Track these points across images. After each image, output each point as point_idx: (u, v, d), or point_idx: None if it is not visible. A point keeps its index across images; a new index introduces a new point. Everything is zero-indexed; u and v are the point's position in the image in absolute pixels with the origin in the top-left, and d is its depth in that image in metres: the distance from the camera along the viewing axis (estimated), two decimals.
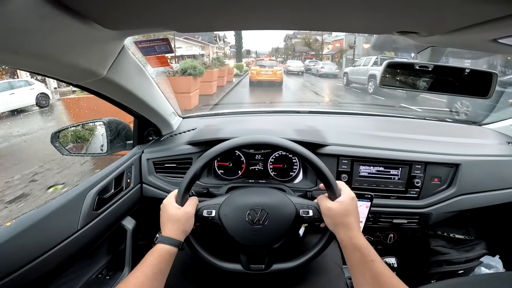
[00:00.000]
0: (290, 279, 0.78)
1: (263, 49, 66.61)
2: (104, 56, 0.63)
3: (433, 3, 0.40)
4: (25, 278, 0.63)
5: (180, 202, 0.64)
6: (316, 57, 36.47)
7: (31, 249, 0.65)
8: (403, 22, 0.51)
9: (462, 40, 0.56)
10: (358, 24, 0.56)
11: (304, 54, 39.77)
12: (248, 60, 32.23)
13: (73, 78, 0.64)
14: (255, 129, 1.18)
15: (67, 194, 0.79)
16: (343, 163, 1.01)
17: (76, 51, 0.54)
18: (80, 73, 0.60)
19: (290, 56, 44.38)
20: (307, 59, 34.58)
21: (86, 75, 0.63)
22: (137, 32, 0.63)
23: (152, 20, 0.52)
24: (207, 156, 0.66)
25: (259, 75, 12.51)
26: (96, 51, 0.59)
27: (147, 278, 0.54)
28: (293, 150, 0.66)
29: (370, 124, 1.34)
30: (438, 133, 1.18)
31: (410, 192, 1.01)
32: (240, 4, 0.45)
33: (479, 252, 1.23)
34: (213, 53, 37.92)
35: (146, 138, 1.13)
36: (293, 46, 42.86)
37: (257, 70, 12.61)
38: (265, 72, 12.50)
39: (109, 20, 0.50)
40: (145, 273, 0.54)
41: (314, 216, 0.66)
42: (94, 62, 0.60)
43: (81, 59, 0.56)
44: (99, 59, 0.62)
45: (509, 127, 1.25)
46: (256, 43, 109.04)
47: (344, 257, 0.61)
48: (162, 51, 0.72)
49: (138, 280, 0.53)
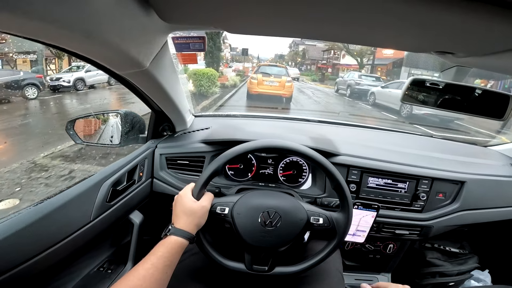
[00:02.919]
0: (291, 283, 0.79)
1: (265, 55, 61.18)
2: (151, 48, 0.64)
3: (476, 26, 0.41)
4: (31, 270, 0.61)
5: (197, 196, 0.65)
6: (332, 67, 29.29)
7: (42, 240, 0.64)
8: (443, 42, 0.53)
9: (495, 63, 0.58)
10: (400, 41, 0.58)
11: (318, 62, 33.38)
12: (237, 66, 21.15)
13: (119, 67, 0.64)
14: (270, 134, 1.20)
15: (83, 184, 0.78)
16: (353, 173, 1.03)
17: (131, 39, 0.54)
18: (128, 62, 0.61)
19: (298, 64, 40.42)
20: (322, 68, 30.81)
21: (132, 65, 0.63)
22: (186, 27, 0.63)
23: (204, 17, 0.54)
24: (229, 154, 0.68)
25: (261, 86, 8.65)
26: (146, 42, 0.60)
27: (157, 270, 0.53)
28: (314, 159, 0.68)
29: (380, 137, 1.37)
30: (445, 150, 1.22)
31: (414, 205, 1.04)
32: (293, 12, 0.46)
33: (471, 266, 1.28)
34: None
35: (160, 133, 1.12)
36: (304, 52, 38.65)
37: (259, 80, 8.70)
38: (270, 83, 8.64)
39: (168, 11, 0.51)
40: (155, 265, 0.54)
41: (323, 224, 0.68)
42: (142, 53, 0.61)
43: (133, 48, 0.57)
44: (147, 50, 0.63)
45: None
46: (259, 48, 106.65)
47: (345, 264, 0.63)
48: (195, 48, 0.73)
49: (148, 272, 0.52)
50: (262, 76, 8.82)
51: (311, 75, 28.81)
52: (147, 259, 0.55)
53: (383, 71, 20.50)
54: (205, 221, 0.65)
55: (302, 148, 0.68)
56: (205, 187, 0.67)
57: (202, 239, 0.68)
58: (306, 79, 25.66)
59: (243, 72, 16.67)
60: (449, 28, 0.44)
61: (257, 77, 8.80)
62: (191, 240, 0.61)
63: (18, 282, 0.58)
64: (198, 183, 0.66)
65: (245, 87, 10.40)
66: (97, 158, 3.55)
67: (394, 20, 0.44)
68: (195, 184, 0.67)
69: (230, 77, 12.52)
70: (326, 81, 23.14)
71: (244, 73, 16.33)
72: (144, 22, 0.53)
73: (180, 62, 0.81)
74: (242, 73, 16.23)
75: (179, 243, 0.59)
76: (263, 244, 0.66)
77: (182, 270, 0.79)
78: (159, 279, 0.53)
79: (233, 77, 12.80)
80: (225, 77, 12.12)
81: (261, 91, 8.61)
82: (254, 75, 9.15)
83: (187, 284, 0.76)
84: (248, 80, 9.88)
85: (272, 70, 9.54)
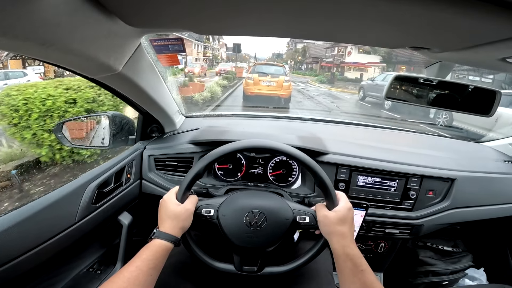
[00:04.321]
0: (281, 283, 0.79)
1: (263, 55, 59.86)
2: (122, 52, 0.64)
3: (447, 21, 0.41)
4: (20, 268, 0.62)
5: (181, 199, 0.65)
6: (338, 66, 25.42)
7: (26, 241, 0.64)
8: (416, 37, 0.52)
9: (472, 57, 0.58)
10: (372, 37, 0.57)
11: (323, 60, 30.39)
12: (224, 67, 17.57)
13: (90, 72, 0.65)
14: (258, 133, 1.20)
15: (68, 186, 0.78)
16: (342, 172, 1.03)
17: (98, 45, 0.54)
18: (99, 67, 0.61)
19: (298, 63, 38.34)
20: (325, 67, 27.81)
21: (103, 70, 0.63)
22: (155, 30, 0.63)
23: (172, 20, 0.53)
24: (212, 156, 0.67)
25: (258, 86, 8.26)
26: (115, 46, 0.60)
27: (142, 272, 0.54)
28: (297, 157, 0.68)
29: (370, 135, 1.36)
30: (436, 147, 1.21)
31: (404, 203, 1.04)
32: (260, 12, 0.46)
33: (465, 264, 1.27)
34: (197, 53, 29.71)
35: (149, 135, 1.12)
36: (304, 49, 35.87)
37: (255, 80, 8.32)
38: (267, 83, 8.32)
39: (132, 17, 0.51)
40: (140, 268, 0.54)
41: (310, 223, 0.68)
42: (112, 57, 0.61)
43: (102, 53, 0.57)
44: (118, 55, 0.63)
45: (507, 146, 1.27)
46: (255, 47, 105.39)
47: (335, 265, 0.63)
48: (175, 50, 0.73)
49: (132, 274, 0.53)
50: (258, 76, 8.40)
51: (315, 75, 25.32)
52: (132, 262, 0.55)
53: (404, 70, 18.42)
54: (189, 224, 0.65)
55: (283, 146, 0.68)
56: (189, 190, 0.67)
57: (190, 241, 0.68)
58: (311, 80, 22.37)
59: (234, 74, 12.86)
60: (422, 23, 0.44)
61: (253, 77, 8.38)
62: (176, 243, 0.62)
63: (1, 282, 0.59)
64: (181, 187, 0.66)
65: (231, 97, 9.43)
66: None
67: (367, 16, 0.44)
68: (179, 187, 0.67)
69: (210, 86, 9.05)
70: (335, 82, 20.16)
71: (235, 75, 12.42)
72: (111, 28, 0.53)
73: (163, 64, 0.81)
74: (232, 76, 12.21)
75: (163, 246, 0.59)
76: (250, 245, 0.66)
77: (172, 270, 0.79)
78: (144, 282, 0.54)
79: (214, 85, 9.26)
80: (197, 86, 8.86)
81: (258, 91, 8.14)
82: (250, 75, 8.72)
83: (177, 283, 0.76)
84: (243, 81, 9.29)
85: (269, 69, 9.12)
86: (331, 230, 0.63)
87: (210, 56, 36.62)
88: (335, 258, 0.62)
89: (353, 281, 0.57)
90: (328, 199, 0.67)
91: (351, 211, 0.66)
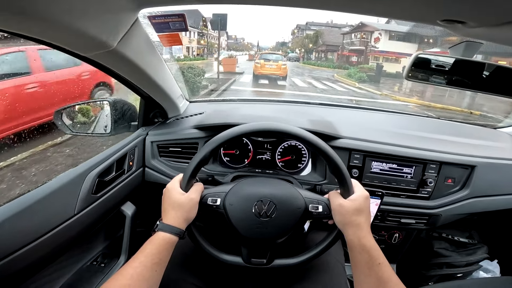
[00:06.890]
0: (290, 275, 0.76)
1: (266, 43, 60.47)
2: (116, 26, 0.58)
3: None
4: (15, 265, 0.58)
5: (185, 188, 0.61)
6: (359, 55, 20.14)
7: (24, 234, 0.60)
8: (453, 7, 0.45)
9: (509, 35, 0.51)
10: (399, 9, 0.50)
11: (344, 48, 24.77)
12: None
13: (80, 49, 0.59)
14: (266, 116, 1.14)
15: (65, 176, 0.74)
16: (355, 158, 0.98)
17: (87, 18, 0.48)
18: (89, 43, 0.55)
19: (309, 52, 33.68)
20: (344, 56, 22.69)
21: (95, 46, 0.58)
22: (154, 3, 0.57)
23: None
24: (217, 140, 0.63)
25: (263, 68, 12.92)
26: (108, 19, 0.54)
27: (146, 268, 0.51)
28: (309, 141, 0.62)
29: (384, 120, 1.30)
30: (453, 133, 1.16)
31: (421, 191, 0.99)
32: None
33: (480, 256, 1.22)
34: (189, 42, 27.03)
35: (151, 120, 1.08)
36: (317, 35, 31.18)
37: (262, 64, 12.98)
38: (270, 66, 12.88)
39: None
40: (144, 263, 0.51)
41: (323, 213, 0.63)
42: (105, 32, 0.55)
43: (92, 27, 0.51)
44: (111, 29, 0.57)
45: None
46: (258, 35, 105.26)
47: (346, 256, 0.59)
48: (176, 28, 0.67)
49: (136, 270, 0.50)
50: (264, 61, 13.20)
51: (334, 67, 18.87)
52: (136, 258, 0.52)
53: None
54: (195, 214, 0.61)
55: (294, 129, 0.63)
56: (194, 177, 0.63)
57: (195, 233, 0.64)
58: (339, 75, 15.73)
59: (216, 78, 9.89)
60: None
61: (260, 62, 13.18)
62: (181, 236, 0.58)
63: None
64: (185, 174, 0.62)
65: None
66: None
67: None
68: (183, 175, 0.62)
69: None
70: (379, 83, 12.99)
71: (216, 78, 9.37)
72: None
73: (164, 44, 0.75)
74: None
75: (167, 239, 0.55)
76: (259, 236, 0.62)
77: (179, 262, 0.76)
78: (148, 277, 0.51)
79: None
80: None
81: (264, 72, 12.92)
82: (258, 61, 13.45)
83: (180, 277, 0.73)
84: (253, 65, 13.81)
85: (271, 56, 13.86)
86: (346, 220, 0.58)
87: (206, 43, 33.71)
88: (350, 250, 0.58)
89: (369, 274, 0.53)
90: (343, 187, 0.62)
91: (368, 199, 0.61)
